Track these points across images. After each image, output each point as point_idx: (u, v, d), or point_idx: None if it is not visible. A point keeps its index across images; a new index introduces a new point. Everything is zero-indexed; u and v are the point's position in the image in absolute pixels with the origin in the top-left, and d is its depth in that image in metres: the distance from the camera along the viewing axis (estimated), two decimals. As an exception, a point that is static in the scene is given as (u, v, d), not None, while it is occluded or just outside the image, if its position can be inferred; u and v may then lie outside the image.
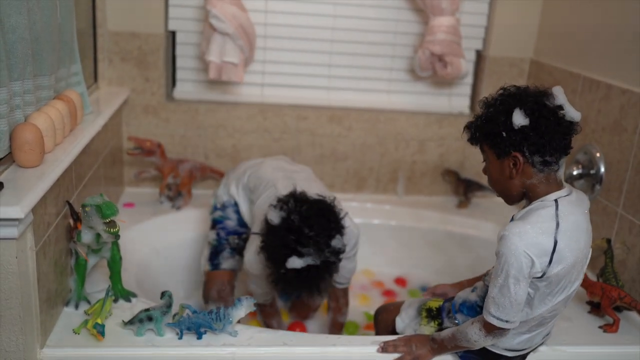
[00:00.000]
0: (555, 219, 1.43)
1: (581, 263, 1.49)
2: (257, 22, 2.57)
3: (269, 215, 1.76)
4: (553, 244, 1.41)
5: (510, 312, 1.44)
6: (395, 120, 2.78)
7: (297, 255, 1.69)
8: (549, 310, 1.51)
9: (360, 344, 1.70)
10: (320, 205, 1.77)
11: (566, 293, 1.50)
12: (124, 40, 2.54)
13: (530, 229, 1.41)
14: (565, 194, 1.48)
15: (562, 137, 1.44)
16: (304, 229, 1.69)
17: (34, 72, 1.61)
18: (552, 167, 1.46)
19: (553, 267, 1.42)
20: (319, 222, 1.71)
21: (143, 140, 2.45)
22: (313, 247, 1.69)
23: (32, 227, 1.42)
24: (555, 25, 2.60)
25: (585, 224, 1.49)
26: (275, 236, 1.72)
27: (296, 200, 1.76)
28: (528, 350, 1.64)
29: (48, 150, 1.62)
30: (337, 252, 1.74)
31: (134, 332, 1.62)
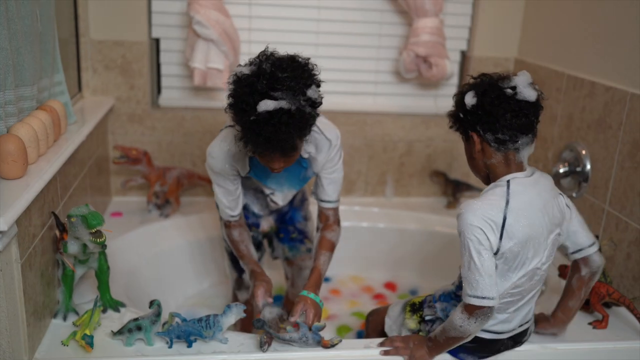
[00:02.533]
0: (506, 197, 1.49)
1: (537, 241, 1.52)
2: (241, 28, 2.57)
3: (237, 70, 1.57)
4: (502, 219, 1.47)
5: (483, 287, 1.46)
6: (382, 122, 2.78)
7: (268, 98, 1.50)
8: (512, 287, 1.54)
9: (352, 347, 1.69)
10: (294, 57, 1.60)
11: (525, 269, 1.53)
12: (107, 48, 2.52)
13: (481, 205, 1.48)
14: (522, 175, 1.53)
15: (514, 115, 1.48)
16: (277, 73, 1.51)
17: (16, 82, 1.60)
18: (508, 145, 1.51)
19: (504, 243, 1.47)
20: (293, 67, 1.55)
21: (129, 148, 2.44)
22: (287, 91, 1.51)
23: (17, 239, 1.41)
24: (539, 25, 2.61)
25: (541, 204, 1.53)
26: (246, 84, 1.52)
27: (267, 53, 1.59)
28: (509, 333, 1.64)
29: (31, 162, 1.60)
30: (313, 102, 1.57)
31: (123, 342, 1.61)
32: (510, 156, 1.53)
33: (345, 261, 2.55)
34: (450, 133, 2.80)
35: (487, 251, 1.46)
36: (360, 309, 2.47)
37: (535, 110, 1.52)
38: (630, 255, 1.99)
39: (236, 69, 1.59)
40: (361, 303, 2.53)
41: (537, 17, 2.62)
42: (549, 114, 2.48)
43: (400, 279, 2.69)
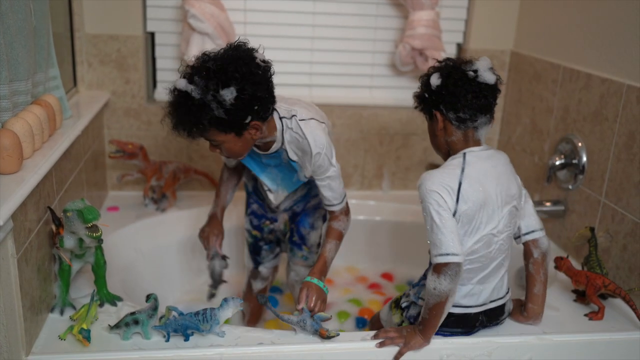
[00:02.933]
0: (462, 166, 1.62)
1: (491, 208, 1.62)
2: (236, 21, 2.56)
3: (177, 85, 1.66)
4: (458, 184, 1.59)
5: (446, 244, 1.55)
6: (379, 115, 2.78)
7: (186, 79, 1.61)
8: (469, 252, 1.62)
9: (348, 340, 1.69)
10: (236, 53, 1.65)
11: (480, 234, 1.62)
12: (102, 42, 2.52)
13: (438, 173, 1.62)
14: (478, 149, 1.66)
15: (475, 96, 1.61)
16: (208, 64, 1.61)
17: (10, 77, 1.59)
18: (468, 124, 1.63)
19: (460, 205, 1.58)
20: (224, 64, 1.61)
21: (125, 143, 2.43)
22: (203, 81, 1.58)
23: (13, 234, 1.40)
24: (534, 17, 2.61)
25: (495, 174, 1.64)
26: (191, 64, 1.65)
27: (237, 44, 1.69)
28: (479, 307, 1.69)
29: (27, 156, 1.60)
30: (221, 103, 1.59)
31: (120, 336, 1.61)
32: (469, 134, 1.65)
33: (341, 253, 2.55)
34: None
35: (446, 211, 1.57)
36: (356, 296, 2.48)
37: (493, 92, 1.64)
38: (626, 246, 2.00)
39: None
40: (356, 291, 2.54)
41: (533, 9, 2.61)
42: (545, 106, 2.48)
43: (396, 271, 2.69)
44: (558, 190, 2.37)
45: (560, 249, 2.34)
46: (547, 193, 2.44)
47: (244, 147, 1.76)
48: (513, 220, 1.68)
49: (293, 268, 2.20)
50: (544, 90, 2.49)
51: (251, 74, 1.63)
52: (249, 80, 1.62)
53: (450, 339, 1.71)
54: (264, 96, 1.68)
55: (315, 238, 2.14)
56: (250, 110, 1.65)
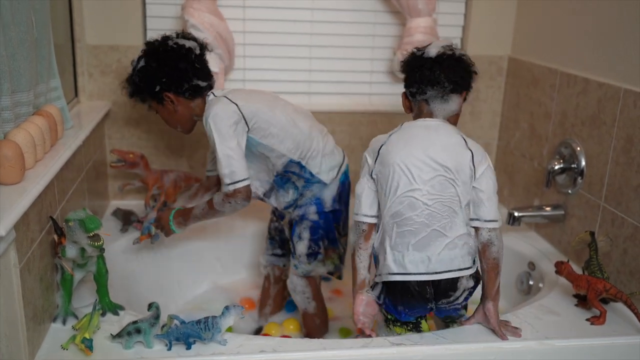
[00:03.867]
0: (391, 132, 1.78)
1: (410, 172, 1.69)
2: (235, 31, 2.58)
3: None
4: (378, 149, 1.74)
5: (357, 206, 1.79)
6: (378, 122, 2.79)
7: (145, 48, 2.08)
8: (394, 213, 1.71)
9: (349, 347, 1.70)
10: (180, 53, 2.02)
11: (399, 193, 1.69)
12: (103, 53, 2.53)
13: (373, 141, 1.80)
14: (420, 120, 1.78)
15: (418, 69, 1.77)
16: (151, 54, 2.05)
17: (12, 88, 1.61)
18: (418, 97, 1.78)
19: (377, 166, 1.74)
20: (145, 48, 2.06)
21: (126, 152, 2.44)
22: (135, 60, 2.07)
23: (15, 244, 1.41)
24: (531, 22, 2.62)
25: (426, 141, 1.71)
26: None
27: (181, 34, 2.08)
28: (422, 275, 1.69)
29: (29, 167, 1.61)
30: (135, 71, 2.06)
31: (122, 345, 1.61)
32: (422, 107, 1.79)
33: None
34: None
35: (365, 176, 1.78)
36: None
37: (435, 64, 1.75)
38: (626, 250, 2.00)
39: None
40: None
41: (530, 14, 2.63)
42: (543, 111, 2.49)
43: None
44: (557, 195, 2.38)
45: (561, 253, 2.35)
46: (547, 198, 2.45)
47: (175, 117, 2.11)
48: (448, 191, 1.69)
49: (289, 277, 2.25)
50: (542, 95, 2.50)
51: (157, 51, 2.02)
52: (153, 56, 2.03)
53: (450, 345, 1.71)
54: (170, 71, 2.00)
55: (302, 249, 2.16)
56: (156, 80, 2.02)
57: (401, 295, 1.72)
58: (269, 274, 2.41)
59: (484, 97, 2.83)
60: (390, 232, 1.72)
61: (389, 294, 1.75)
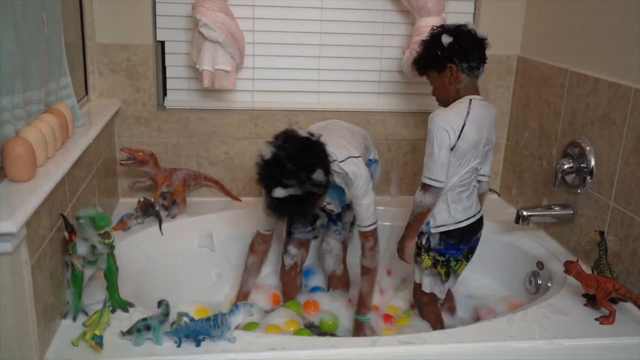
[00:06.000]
0: (467, 109, 1.99)
1: (479, 147, 2.03)
2: (245, 29, 2.58)
3: (263, 151, 1.95)
4: (462, 124, 1.96)
5: (436, 172, 1.98)
6: (386, 121, 2.79)
7: (281, 187, 1.87)
8: (462, 180, 2.05)
9: (359, 345, 1.70)
10: (305, 143, 1.95)
11: (470, 166, 2.04)
12: (113, 52, 2.54)
13: (449, 112, 2.01)
14: (479, 98, 2.05)
15: (478, 48, 2.04)
16: (287, 164, 1.87)
17: (23, 86, 1.62)
18: (475, 72, 2.04)
19: (460, 142, 1.97)
20: (301, 158, 1.89)
21: (135, 150, 2.45)
22: (295, 180, 1.87)
23: (26, 241, 1.42)
24: (541, 22, 2.62)
25: (488, 121, 2.06)
26: (265, 168, 1.92)
27: (286, 137, 1.95)
28: (473, 218, 2.12)
29: (40, 164, 1.62)
30: (319, 184, 1.92)
31: (132, 342, 1.62)
32: (473, 81, 2.06)
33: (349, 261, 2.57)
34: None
35: (446, 147, 1.96)
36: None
37: (486, 44, 2.07)
38: (636, 250, 1.99)
39: (263, 148, 1.95)
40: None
41: (539, 14, 2.62)
42: (552, 111, 2.49)
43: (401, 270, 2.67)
44: (567, 194, 2.37)
45: (570, 253, 2.34)
46: (556, 197, 2.44)
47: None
48: (485, 158, 2.13)
49: (325, 239, 2.47)
50: (551, 95, 2.49)
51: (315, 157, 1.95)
52: (322, 160, 1.96)
53: (459, 344, 1.71)
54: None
55: (349, 217, 2.40)
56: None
57: (465, 235, 2.10)
58: (296, 262, 2.46)
59: (493, 97, 2.83)
60: (453, 192, 2.06)
61: (450, 238, 2.09)
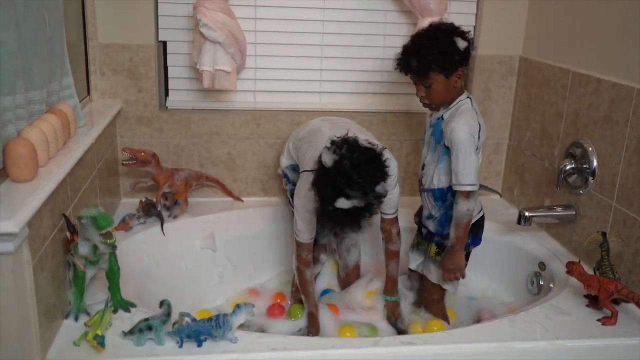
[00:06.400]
0: (474, 109, 2.08)
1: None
2: (247, 30, 2.58)
3: (323, 157, 1.85)
4: (479, 124, 2.06)
5: (473, 177, 2.03)
6: (388, 121, 2.79)
7: (345, 197, 1.79)
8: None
9: (360, 346, 1.70)
10: (369, 154, 1.87)
11: (481, 160, 2.13)
12: (115, 52, 2.54)
13: (470, 120, 2.05)
14: (470, 97, 2.13)
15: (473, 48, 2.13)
16: (353, 175, 1.79)
17: (25, 86, 1.62)
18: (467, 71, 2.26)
19: (479, 142, 2.06)
20: (367, 169, 1.82)
21: (137, 150, 2.45)
22: (360, 192, 1.80)
23: (28, 241, 1.42)
24: (543, 22, 2.61)
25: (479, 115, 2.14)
26: (328, 177, 1.82)
27: (349, 146, 1.85)
28: (481, 212, 2.23)
29: (42, 164, 1.62)
30: (380, 196, 1.88)
31: (134, 342, 1.62)
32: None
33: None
34: (456, 131, 2.81)
35: (475, 152, 2.03)
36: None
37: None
38: (638, 251, 1.99)
39: (322, 154, 1.86)
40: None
41: (542, 14, 2.62)
42: (555, 111, 2.48)
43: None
44: (569, 195, 2.37)
45: (571, 253, 2.34)
46: (558, 198, 2.44)
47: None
48: None
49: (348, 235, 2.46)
50: (554, 95, 2.49)
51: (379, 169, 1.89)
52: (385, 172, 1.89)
53: (460, 345, 1.71)
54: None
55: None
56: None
57: (482, 225, 2.22)
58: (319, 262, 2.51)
59: (495, 97, 2.82)
60: None
61: (473, 229, 2.16)
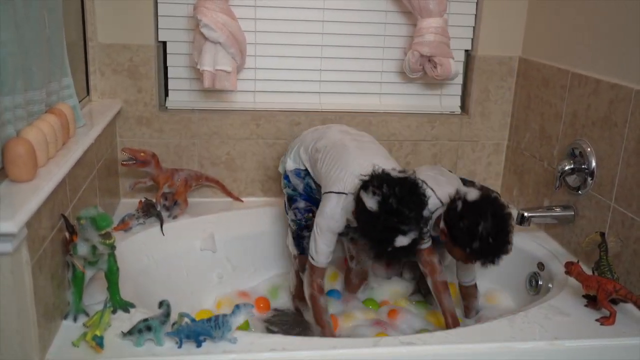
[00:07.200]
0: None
1: None
2: (247, 30, 2.58)
3: (367, 203, 1.84)
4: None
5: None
6: (388, 122, 2.79)
7: (402, 234, 1.81)
8: None
9: (360, 346, 1.70)
10: (408, 184, 1.88)
11: None
12: (115, 52, 2.54)
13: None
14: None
15: None
16: (404, 211, 1.80)
17: (25, 86, 1.62)
18: None
19: None
20: (413, 200, 1.84)
21: (137, 150, 2.45)
22: (414, 224, 1.82)
23: (27, 241, 1.42)
24: (542, 23, 2.61)
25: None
26: (379, 221, 1.82)
27: (387, 182, 1.85)
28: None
29: (41, 164, 1.62)
30: (427, 220, 1.93)
31: (133, 342, 1.62)
32: None
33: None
34: (455, 132, 2.83)
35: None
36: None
37: None
38: (636, 252, 1.99)
39: (364, 200, 1.84)
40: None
41: (541, 15, 2.62)
42: (554, 112, 2.48)
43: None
44: (568, 196, 2.37)
45: (570, 254, 2.34)
46: (557, 198, 2.44)
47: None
48: None
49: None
50: (553, 96, 2.49)
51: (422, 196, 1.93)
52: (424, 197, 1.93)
53: (460, 345, 1.71)
54: None
55: None
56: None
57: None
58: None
59: (494, 98, 2.83)
60: None
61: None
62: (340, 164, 2.08)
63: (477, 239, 1.89)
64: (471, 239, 1.90)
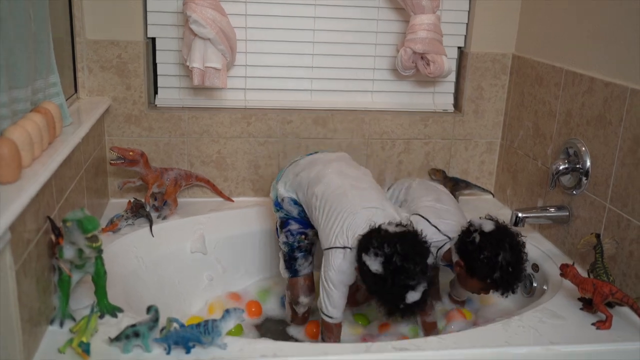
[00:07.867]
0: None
1: None
2: (237, 26, 2.54)
3: (371, 266, 1.82)
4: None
5: None
6: (380, 120, 2.76)
7: (412, 290, 1.79)
8: None
9: (352, 352, 1.68)
10: (408, 237, 1.86)
11: None
12: (103, 48, 2.50)
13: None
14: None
15: None
16: (409, 267, 1.79)
17: (9, 84, 1.58)
18: None
19: None
20: (416, 253, 1.83)
21: (126, 149, 2.41)
22: (421, 276, 1.80)
23: (11, 245, 1.38)
24: (536, 20, 2.59)
25: None
26: (387, 282, 1.80)
27: (387, 241, 1.82)
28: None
29: (25, 165, 1.58)
30: (433, 266, 1.92)
31: (120, 349, 1.58)
32: None
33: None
34: (448, 130, 2.80)
35: None
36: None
37: None
38: (632, 253, 1.97)
39: (366, 261, 1.82)
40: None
41: (535, 12, 2.60)
42: (548, 110, 2.46)
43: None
44: (562, 195, 2.35)
45: (565, 255, 2.32)
46: (551, 198, 2.42)
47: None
48: None
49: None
50: (547, 94, 2.47)
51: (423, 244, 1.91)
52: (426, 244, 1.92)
53: (453, 350, 1.69)
54: None
55: None
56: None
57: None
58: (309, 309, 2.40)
59: (487, 96, 2.80)
60: None
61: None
62: (341, 218, 2.04)
63: (498, 269, 1.90)
64: (492, 269, 1.90)
